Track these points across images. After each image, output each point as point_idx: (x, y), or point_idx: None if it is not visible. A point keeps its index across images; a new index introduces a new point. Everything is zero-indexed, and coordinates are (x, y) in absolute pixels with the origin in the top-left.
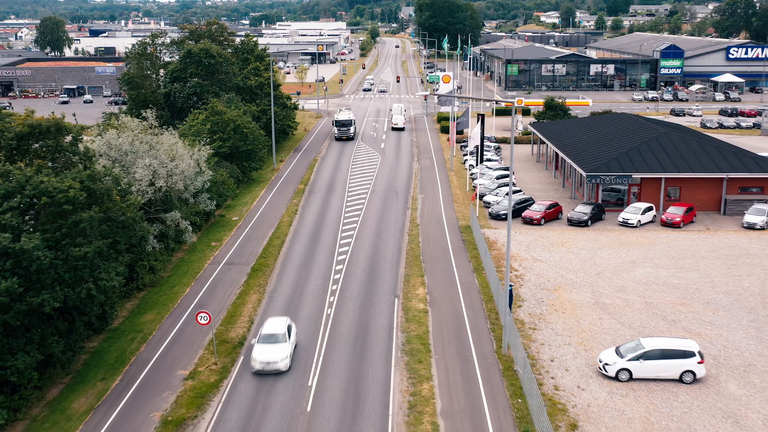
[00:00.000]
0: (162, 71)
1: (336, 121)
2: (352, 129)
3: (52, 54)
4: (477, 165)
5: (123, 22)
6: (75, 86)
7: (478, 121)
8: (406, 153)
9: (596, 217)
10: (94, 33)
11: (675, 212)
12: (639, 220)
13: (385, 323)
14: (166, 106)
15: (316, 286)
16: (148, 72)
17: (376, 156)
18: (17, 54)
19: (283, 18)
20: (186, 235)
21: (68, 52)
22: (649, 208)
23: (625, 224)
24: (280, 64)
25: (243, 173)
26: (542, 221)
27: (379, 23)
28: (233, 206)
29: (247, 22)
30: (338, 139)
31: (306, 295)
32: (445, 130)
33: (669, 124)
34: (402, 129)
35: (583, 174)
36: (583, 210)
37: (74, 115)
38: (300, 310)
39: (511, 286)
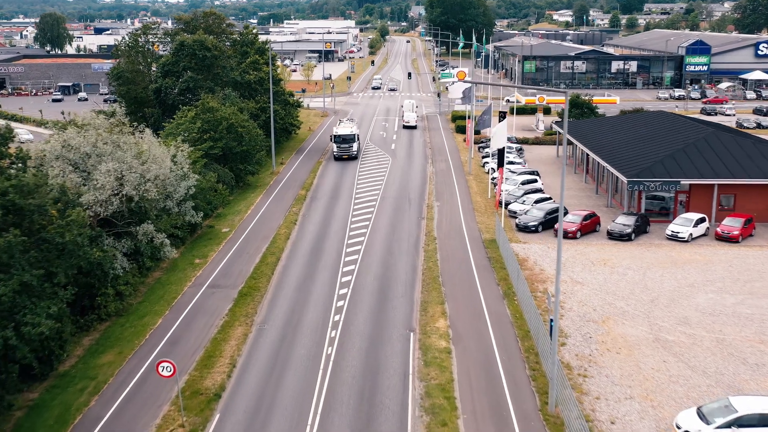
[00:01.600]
0: (155, 66)
1: (335, 135)
2: (354, 146)
3: (53, 51)
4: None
5: (130, 20)
6: (70, 83)
7: (500, 120)
8: (419, 155)
9: (640, 229)
10: (100, 31)
11: (732, 224)
12: (691, 234)
13: (398, 367)
14: (157, 103)
15: (314, 317)
16: (141, 67)
17: (386, 158)
18: (15, 51)
19: (292, 17)
20: (165, 251)
21: (70, 50)
22: (702, 220)
23: (674, 238)
24: (287, 62)
25: (237, 177)
26: (578, 234)
27: (389, 22)
28: (224, 215)
29: (255, 20)
30: (338, 158)
31: (302, 327)
32: (460, 129)
33: (712, 123)
34: (414, 127)
35: (624, 180)
36: (625, 221)
37: (63, 113)
38: (294, 348)
39: (551, 321)
